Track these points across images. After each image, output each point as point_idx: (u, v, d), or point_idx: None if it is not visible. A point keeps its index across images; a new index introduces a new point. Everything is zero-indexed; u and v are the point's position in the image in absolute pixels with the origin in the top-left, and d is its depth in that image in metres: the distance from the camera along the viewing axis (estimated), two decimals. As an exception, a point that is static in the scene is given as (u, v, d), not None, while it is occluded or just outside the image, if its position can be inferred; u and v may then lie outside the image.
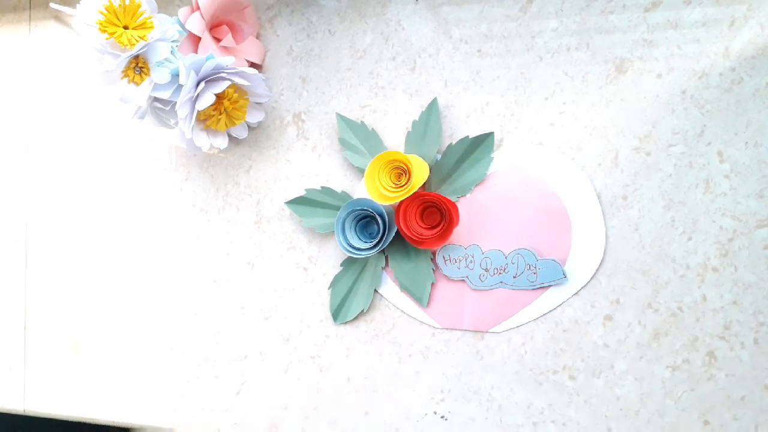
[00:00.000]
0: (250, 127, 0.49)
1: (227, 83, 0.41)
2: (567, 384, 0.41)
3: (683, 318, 0.39)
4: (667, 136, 0.40)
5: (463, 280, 0.43)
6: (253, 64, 0.48)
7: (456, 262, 0.43)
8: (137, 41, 0.39)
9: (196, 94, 0.40)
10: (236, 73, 0.41)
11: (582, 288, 0.41)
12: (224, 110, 0.43)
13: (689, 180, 0.39)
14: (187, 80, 0.39)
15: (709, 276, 0.39)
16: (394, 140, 0.45)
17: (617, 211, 0.41)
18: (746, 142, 0.38)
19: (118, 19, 0.39)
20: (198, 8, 0.43)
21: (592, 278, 0.41)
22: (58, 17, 0.55)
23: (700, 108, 0.39)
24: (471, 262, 0.43)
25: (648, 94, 0.40)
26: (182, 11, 0.42)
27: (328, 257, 0.47)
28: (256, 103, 0.46)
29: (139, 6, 0.39)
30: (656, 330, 0.40)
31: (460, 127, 0.44)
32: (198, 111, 0.41)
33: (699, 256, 0.39)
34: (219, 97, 0.41)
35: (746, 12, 0.38)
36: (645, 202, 0.40)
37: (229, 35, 0.45)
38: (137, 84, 0.40)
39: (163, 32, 0.40)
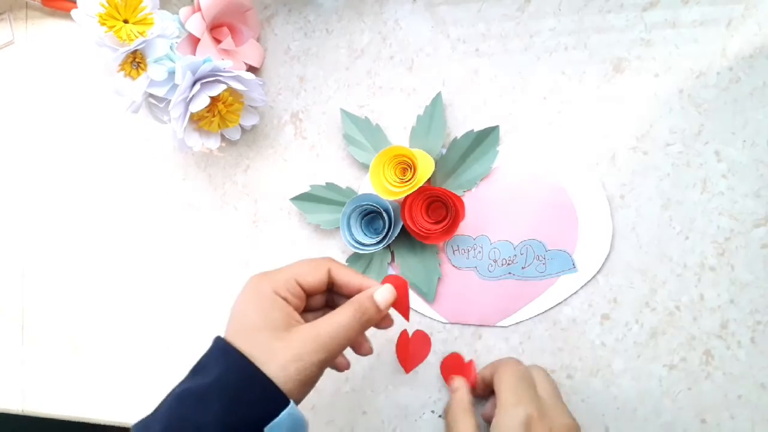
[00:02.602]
0: (244, 129, 0.48)
1: (223, 87, 0.40)
2: (564, 383, 0.41)
3: (680, 317, 0.40)
4: (664, 135, 0.40)
5: (471, 271, 0.43)
6: (251, 67, 0.48)
7: (465, 252, 0.43)
8: (136, 36, 0.39)
9: (191, 95, 0.40)
10: (233, 77, 0.41)
11: (581, 287, 0.41)
12: (218, 112, 0.42)
13: (687, 179, 0.39)
14: (183, 80, 0.39)
15: (706, 275, 0.39)
16: (393, 139, 0.45)
17: (615, 211, 0.41)
18: (743, 141, 0.39)
19: (119, 13, 0.39)
20: (199, 9, 0.42)
21: (592, 278, 0.41)
22: (54, 14, 0.55)
23: (698, 107, 0.39)
24: (479, 252, 0.43)
25: (645, 93, 0.40)
26: (183, 11, 0.42)
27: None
28: (251, 106, 0.46)
29: (141, 1, 0.39)
30: (653, 329, 0.40)
31: (458, 126, 0.44)
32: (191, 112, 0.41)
33: (696, 255, 0.39)
34: (213, 99, 0.41)
35: (744, 11, 0.38)
36: (642, 202, 0.40)
37: (229, 38, 0.45)
38: (133, 78, 0.40)
39: (162, 29, 0.40)
